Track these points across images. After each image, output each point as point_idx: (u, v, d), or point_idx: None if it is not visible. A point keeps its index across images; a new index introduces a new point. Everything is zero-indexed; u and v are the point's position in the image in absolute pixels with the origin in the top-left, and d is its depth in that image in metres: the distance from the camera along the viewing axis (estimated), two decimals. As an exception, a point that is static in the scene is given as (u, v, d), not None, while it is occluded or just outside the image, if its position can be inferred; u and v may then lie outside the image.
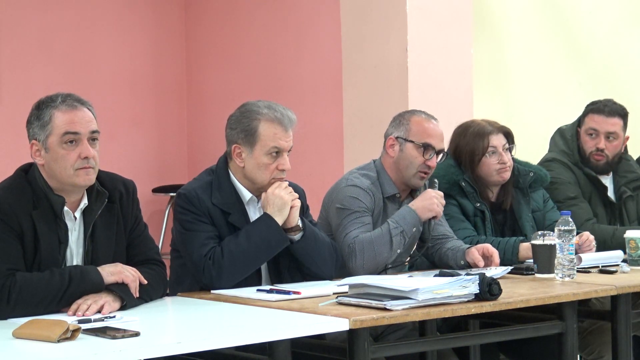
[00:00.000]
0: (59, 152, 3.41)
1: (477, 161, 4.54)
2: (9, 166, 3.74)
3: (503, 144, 4.56)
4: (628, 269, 4.28)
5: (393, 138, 4.33)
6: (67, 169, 3.41)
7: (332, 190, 4.32)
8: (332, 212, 4.23)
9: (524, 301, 3.64)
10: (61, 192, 3.45)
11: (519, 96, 6.92)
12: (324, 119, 6.50)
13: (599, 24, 7.25)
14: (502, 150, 4.55)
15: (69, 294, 3.32)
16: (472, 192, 4.53)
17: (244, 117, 3.90)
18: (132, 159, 7.14)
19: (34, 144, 3.44)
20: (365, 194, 4.23)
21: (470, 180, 4.54)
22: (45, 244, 3.38)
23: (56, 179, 3.44)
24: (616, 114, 4.99)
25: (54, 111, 3.42)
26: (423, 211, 4.19)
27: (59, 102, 3.44)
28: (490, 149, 4.53)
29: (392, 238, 4.11)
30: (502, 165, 4.54)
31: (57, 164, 3.42)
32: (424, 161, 4.27)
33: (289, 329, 3.17)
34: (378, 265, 4.12)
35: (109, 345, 2.87)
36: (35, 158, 3.44)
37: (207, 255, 3.76)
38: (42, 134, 3.42)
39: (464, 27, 6.13)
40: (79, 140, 3.42)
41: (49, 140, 3.42)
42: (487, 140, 4.54)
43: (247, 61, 7.06)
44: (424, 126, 4.32)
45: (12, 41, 6.78)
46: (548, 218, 4.68)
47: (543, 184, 4.74)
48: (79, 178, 3.43)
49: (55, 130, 3.41)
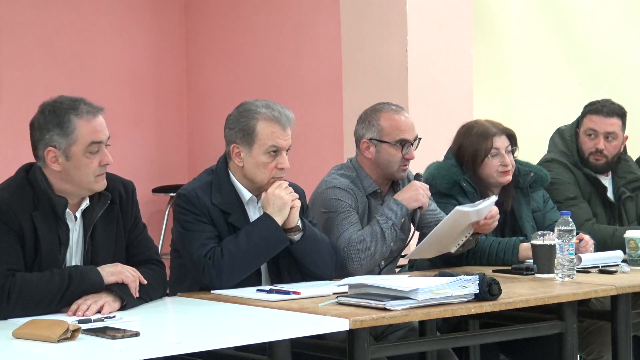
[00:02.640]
0: (83, 160, 3.41)
1: (480, 162, 4.54)
2: (8, 166, 3.74)
3: (506, 146, 4.55)
4: (628, 269, 4.27)
5: (367, 140, 4.31)
6: (88, 176, 3.42)
7: (313, 195, 4.29)
8: (317, 217, 4.21)
9: (524, 301, 3.63)
10: (64, 193, 3.44)
11: (518, 96, 6.92)
12: (324, 119, 6.50)
13: (599, 24, 7.24)
14: (505, 152, 4.54)
15: (69, 294, 3.32)
16: (472, 192, 4.52)
17: (242, 116, 3.90)
18: (132, 159, 7.14)
19: (52, 151, 3.39)
20: (346, 193, 4.22)
21: (471, 180, 4.54)
22: (46, 244, 3.38)
23: (73, 184, 3.43)
24: (615, 114, 4.97)
25: (77, 120, 3.39)
26: (409, 201, 4.19)
27: (81, 110, 3.40)
28: (493, 150, 4.52)
29: (384, 233, 4.12)
30: (504, 168, 4.53)
31: (79, 171, 3.41)
32: (402, 156, 4.27)
33: (289, 329, 3.16)
34: (375, 262, 4.14)
35: (109, 345, 2.87)
36: (50, 164, 3.40)
37: (207, 256, 3.76)
38: (63, 142, 3.39)
39: (464, 27, 6.13)
40: (100, 147, 3.44)
41: (72, 148, 3.39)
42: (490, 142, 4.53)
43: (247, 61, 7.06)
44: (395, 122, 4.29)
45: (12, 41, 6.77)
46: (548, 218, 4.68)
47: (543, 184, 4.73)
48: (98, 184, 3.46)
49: (81, 140, 3.39)
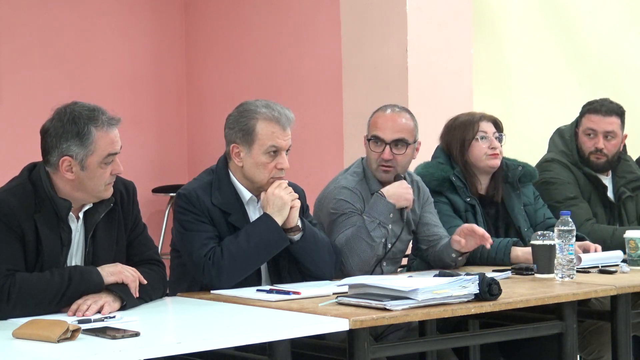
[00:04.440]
0: (98, 171, 3.42)
1: (468, 145, 4.57)
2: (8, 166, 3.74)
3: (493, 131, 4.60)
4: (628, 269, 4.27)
5: (365, 139, 4.35)
6: (100, 185, 3.45)
7: (321, 195, 4.31)
8: (324, 217, 4.22)
9: (524, 301, 3.63)
10: (70, 198, 3.44)
11: (518, 96, 6.92)
12: (324, 119, 6.50)
13: (599, 24, 7.25)
14: (492, 137, 4.57)
15: (68, 294, 3.32)
16: (462, 187, 4.54)
17: (241, 116, 3.90)
18: (132, 159, 7.12)
19: (67, 160, 3.39)
20: (352, 194, 4.22)
21: (460, 175, 4.55)
22: (48, 246, 3.38)
23: (84, 192, 3.44)
24: (613, 113, 4.98)
25: (97, 132, 3.40)
26: (398, 199, 4.17)
27: (101, 122, 3.41)
28: (480, 133, 4.57)
29: (370, 233, 4.10)
30: (492, 151, 4.56)
31: (93, 181, 3.43)
32: (378, 155, 4.26)
33: (288, 329, 3.16)
34: (367, 261, 4.11)
35: (109, 345, 2.87)
36: (64, 173, 3.40)
37: (207, 256, 3.76)
38: (81, 152, 3.39)
39: (464, 27, 6.13)
40: (114, 158, 3.46)
41: (89, 159, 3.40)
42: (477, 126, 4.59)
43: (247, 61, 7.06)
44: (375, 120, 4.30)
45: (12, 41, 6.77)
46: (540, 214, 4.69)
47: (532, 179, 4.75)
48: (107, 192, 3.49)
49: (98, 152, 3.41)
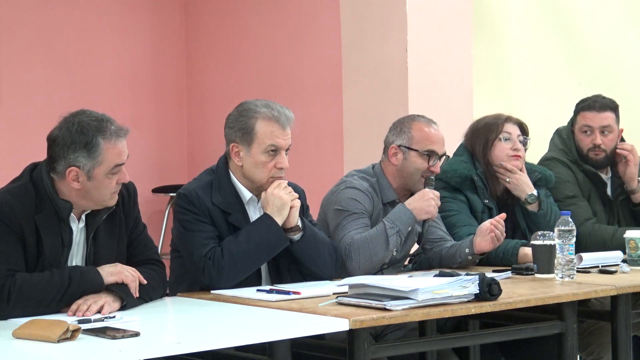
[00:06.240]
0: (104, 181, 3.42)
1: (490, 145, 4.58)
2: (8, 166, 3.74)
3: (517, 134, 4.62)
4: (628, 269, 4.28)
5: (395, 147, 4.32)
6: (105, 195, 3.45)
7: (331, 192, 4.31)
8: (330, 214, 4.23)
9: (524, 301, 3.63)
10: (69, 198, 3.44)
11: (518, 96, 6.91)
12: (324, 119, 6.50)
13: (599, 24, 7.24)
14: (516, 139, 4.59)
15: (68, 294, 3.32)
16: (482, 188, 4.55)
17: (241, 115, 3.90)
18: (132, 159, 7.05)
19: (74, 170, 3.39)
20: (364, 195, 4.23)
21: (482, 175, 4.55)
22: (49, 247, 3.38)
23: (89, 200, 3.45)
24: (607, 108, 4.99)
25: (105, 144, 3.40)
26: (420, 212, 4.18)
27: (109, 133, 3.41)
28: (504, 134, 4.59)
29: (388, 238, 4.11)
30: (515, 152, 4.57)
31: (99, 191, 3.43)
32: (428, 167, 4.29)
33: (288, 329, 3.16)
34: (374, 265, 4.12)
35: (109, 345, 2.87)
36: (70, 182, 3.40)
37: (207, 256, 3.76)
38: (88, 163, 3.39)
39: (464, 27, 6.13)
40: (121, 168, 3.46)
41: (96, 170, 3.40)
42: (501, 126, 4.61)
43: (247, 61, 7.06)
44: (426, 133, 4.32)
45: (12, 41, 6.77)
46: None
47: (548, 184, 4.75)
48: (112, 200, 3.49)
49: (106, 163, 3.41)
